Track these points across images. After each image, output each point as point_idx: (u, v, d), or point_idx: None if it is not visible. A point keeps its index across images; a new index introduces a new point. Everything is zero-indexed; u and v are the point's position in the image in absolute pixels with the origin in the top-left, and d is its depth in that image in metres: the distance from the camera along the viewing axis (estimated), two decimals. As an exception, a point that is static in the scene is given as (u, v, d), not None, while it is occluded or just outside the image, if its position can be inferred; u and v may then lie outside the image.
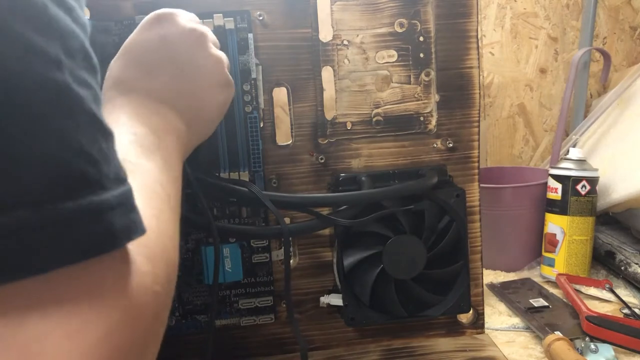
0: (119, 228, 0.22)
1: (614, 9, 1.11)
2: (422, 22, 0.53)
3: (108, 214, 0.21)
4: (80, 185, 0.21)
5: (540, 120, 1.12)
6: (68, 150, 0.21)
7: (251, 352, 0.55)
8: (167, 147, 0.35)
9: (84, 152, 0.21)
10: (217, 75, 0.41)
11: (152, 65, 0.38)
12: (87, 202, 0.21)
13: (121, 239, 0.22)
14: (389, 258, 0.51)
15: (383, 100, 0.54)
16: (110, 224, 0.22)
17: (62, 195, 0.20)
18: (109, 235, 0.22)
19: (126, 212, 0.23)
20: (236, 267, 0.51)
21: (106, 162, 0.22)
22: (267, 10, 0.51)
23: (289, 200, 0.49)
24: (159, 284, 0.26)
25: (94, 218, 0.21)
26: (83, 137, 0.21)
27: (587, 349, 0.57)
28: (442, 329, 0.58)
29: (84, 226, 0.20)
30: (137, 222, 0.24)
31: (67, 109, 0.21)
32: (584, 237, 0.79)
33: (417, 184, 0.52)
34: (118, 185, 0.23)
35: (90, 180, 0.21)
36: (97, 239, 0.21)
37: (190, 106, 0.39)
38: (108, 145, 0.23)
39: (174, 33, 0.39)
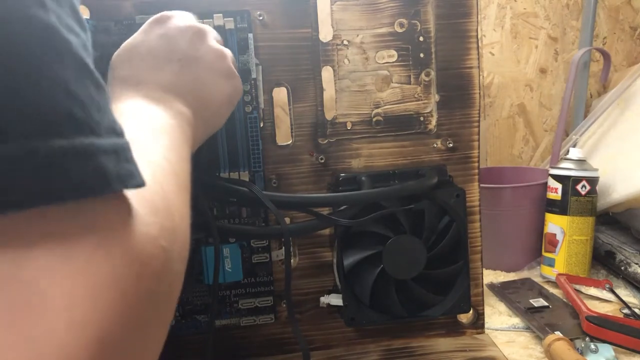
0: (112, 172, 0.21)
1: (614, 9, 1.11)
2: (422, 22, 0.53)
3: (100, 157, 0.21)
4: (68, 125, 0.20)
5: (540, 120, 1.12)
6: (54, 87, 0.20)
7: (251, 352, 0.55)
8: (174, 130, 0.35)
9: (71, 93, 0.20)
10: (220, 67, 0.42)
11: (155, 61, 0.39)
12: (78, 142, 0.20)
13: (114, 182, 0.21)
14: (389, 258, 0.51)
15: (383, 100, 0.54)
16: (102, 166, 0.21)
17: (51, 132, 0.19)
18: (101, 177, 0.21)
19: (120, 160, 0.22)
20: (236, 267, 0.51)
21: (97, 110, 0.22)
22: (267, 10, 0.51)
23: (289, 200, 0.49)
24: (165, 240, 0.25)
25: (85, 157, 0.20)
26: (71, 78, 0.21)
27: (587, 349, 0.57)
28: (442, 329, 0.58)
29: (75, 164, 0.20)
30: (134, 172, 0.23)
31: (53, 49, 0.20)
32: (584, 237, 0.78)
33: (417, 184, 0.52)
34: (111, 135, 0.22)
35: (79, 122, 0.20)
36: (89, 178, 0.20)
37: (196, 96, 0.40)
38: (100, 95, 0.22)
39: (173, 30, 0.41)
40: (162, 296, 0.25)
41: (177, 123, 0.36)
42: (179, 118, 0.37)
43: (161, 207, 0.26)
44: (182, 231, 0.28)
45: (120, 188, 0.22)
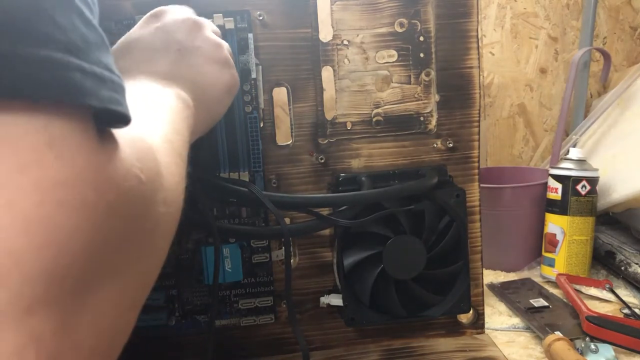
0: (86, 88, 0.20)
1: (614, 9, 1.11)
2: (422, 22, 0.53)
3: (73, 72, 0.19)
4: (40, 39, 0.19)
5: (540, 120, 1.12)
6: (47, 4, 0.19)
7: (251, 352, 0.55)
8: (173, 110, 0.35)
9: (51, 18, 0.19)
10: (217, 56, 0.42)
11: (152, 53, 0.39)
12: (62, 56, 0.19)
13: (89, 96, 0.20)
14: (389, 258, 0.51)
15: (383, 100, 0.54)
16: (73, 78, 0.19)
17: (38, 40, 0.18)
18: (68, 86, 0.19)
19: (106, 86, 0.21)
20: (236, 267, 0.51)
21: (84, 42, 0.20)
22: (267, 10, 0.51)
23: (289, 201, 0.49)
24: (144, 173, 0.23)
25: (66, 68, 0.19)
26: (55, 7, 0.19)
27: (587, 349, 0.57)
28: (442, 329, 0.58)
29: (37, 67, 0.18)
30: (122, 102, 0.21)
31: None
32: (584, 237, 0.78)
33: (417, 184, 0.52)
34: (102, 69, 0.21)
35: (57, 40, 0.19)
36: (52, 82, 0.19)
37: (195, 84, 0.40)
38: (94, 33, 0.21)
39: (169, 22, 0.41)
40: (136, 232, 0.23)
41: (177, 104, 0.36)
42: (179, 101, 0.37)
43: (148, 156, 0.25)
44: (170, 184, 0.27)
45: (94, 103, 0.20)
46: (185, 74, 0.39)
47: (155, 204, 0.25)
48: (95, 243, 0.20)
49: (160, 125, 0.31)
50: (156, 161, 0.26)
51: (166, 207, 0.26)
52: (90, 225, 0.20)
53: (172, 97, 0.36)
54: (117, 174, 0.21)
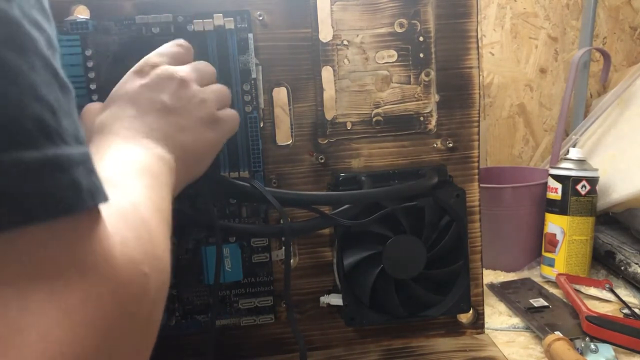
0: (85, 186, 0.20)
1: (614, 9, 1.11)
2: (422, 22, 0.53)
3: (73, 169, 0.20)
4: (40, 134, 0.19)
5: (540, 120, 1.12)
6: (22, 91, 0.18)
7: (251, 352, 0.55)
8: (154, 172, 0.35)
9: (40, 97, 0.19)
10: (202, 115, 0.42)
11: (136, 110, 0.39)
12: (51, 153, 0.19)
13: (88, 198, 0.20)
14: (389, 258, 0.51)
15: (383, 100, 0.54)
16: (76, 179, 0.20)
17: (22, 142, 0.18)
18: (76, 191, 0.20)
19: (88, 172, 0.21)
20: (236, 267, 0.51)
21: (65, 115, 0.20)
22: (267, 10, 0.51)
23: (290, 197, 0.49)
24: (148, 266, 0.24)
25: (60, 170, 0.19)
26: (38, 81, 0.19)
27: (587, 349, 0.57)
28: (442, 329, 0.58)
29: (50, 177, 0.18)
30: (100, 186, 0.22)
31: (18, 47, 0.19)
32: (584, 237, 0.78)
33: (417, 184, 0.52)
34: (78, 143, 0.21)
35: (50, 130, 0.19)
36: (65, 194, 0.19)
37: (177, 143, 0.39)
38: (66, 98, 0.21)
39: (155, 81, 0.40)
40: (141, 323, 0.24)
41: (159, 166, 0.36)
42: (161, 162, 0.36)
43: (144, 235, 0.26)
44: (164, 263, 0.28)
45: (92, 204, 0.21)
46: (167, 134, 0.39)
47: (154, 289, 0.26)
48: (112, 347, 0.21)
49: (149, 193, 0.31)
50: (155, 246, 0.27)
51: (161, 283, 0.27)
52: (109, 333, 0.21)
53: (155, 160, 0.36)
54: (130, 278, 0.23)
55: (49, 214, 0.19)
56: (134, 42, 0.48)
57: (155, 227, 0.29)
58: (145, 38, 0.49)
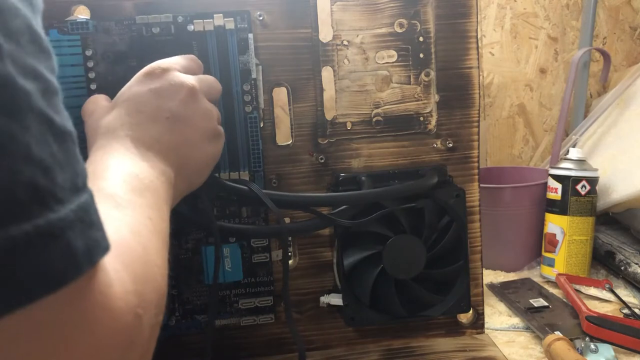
0: (80, 250, 0.20)
1: (614, 9, 1.11)
2: (422, 22, 0.53)
3: (67, 233, 0.19)
4: (31, 202, 0.18)
5: (540, 120, 1.12)
6: (14, 158, 0.18)
7: (251, 352, 0.55)
8: (156, 189, 0.35)
9: (33, 159, 0.18)
10: (206, 128, 0.42)
11: (143, 117, 0.38)
12: (42, 221, 0.18)
13: (84, 263, 0.20)
14: (389, 258, 0.51)
15: (383, 101, 0.54)
16: (70, 245, 0.19)
17: (12, 216, 0.17)
18: (70, 259, 0.19)
19: (85, 229, 0.20)
20: (236, 267, 0.51)
21: (60, 168, 0.20)
22: (267, 10, 0.51)
23: (289, 199, 0.49)
24: (142, 308, 0.25)
25: (52, 238, 0.18)
26: (32, 141, 0.19)
27: (587, 349, 0.57)
28: (442, 329, 0.58)
29: (42, 250, 0.18)
30: (99, 239, 0.21)
31: (9, 109, 0.18)
32: (584, 237, 0.78)
33: (417, 184, 0.52)
34: (74, 195, 0.20)
35: (43, 194, 0.19)
36: (59, 265, 0.19)
37: (179, 155, 0.39)
38: (62, 148, 0.20)
39: (165, 87, 0.40)
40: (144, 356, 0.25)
41: (160, 182, 0.36)
42: (162, 178, 0.36)
43: (140, 272, 0.26)
44: (160, 293, 0.28)
45: (89, 267, 0.21)
46: (170, 144, 0.39)
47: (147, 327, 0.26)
48: None
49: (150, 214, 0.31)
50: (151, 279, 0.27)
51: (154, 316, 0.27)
52: None
53: (157, 175, 0.36)
54: (128, 323, 0.23)
55: (46, 289, 0.19)
56: (134, 42, 0.48)
57: (154, 253, 0.29)
58: (145, 38, 0.49)
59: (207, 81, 0.44)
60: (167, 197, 0.36)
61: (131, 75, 0.42)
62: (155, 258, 0.29)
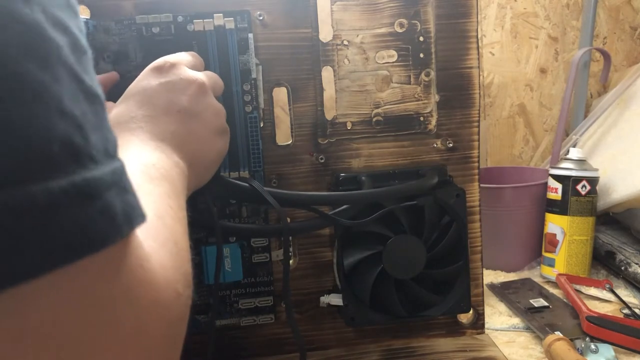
0: (119, 211, 0.18)
1: (614, 9, 1.11)
2: (422, 22, 0.53)
3: (104, 194, 0.18)
4: (66, 157, 0.17)
5: (540, 120, 1.12)
6: (47, 110, 0.16)
7: (251, 352, 0.55)
8: (172, 179, 0.34)
9: (66, 112, 0.17)
10: (215, 123, 0.42)
11: (155, 110, 0.38)
12: (79, 178, 0.17)
13: (124, 225, 0.19)
14: (389, 258, 0.51)
15: (383, 100, 0.54)
16: (109, 205, 0.18)
17: (47, 170, 0.16)
18: (110, 220, 0.18)
19: (122, 193, 0.19)
20: (236, 267, 0.51)
21: (93, 130, 0.18)
22: (267, 10, 0.51)
23: (290, 197, 0.49)
24: (181, 284, 0.24)
25: (90, 197, 0.17)
26: (64, 94, 0.17)
27: (588, 349, 0.57)
28: (442, 329, 0.58)
29: (80, 208, 0.17)
30: (136, 205, 0.20)
31: (40, 57, 0.17)
32: (584, 237, 0.78)
33: (417, 184, 0.52)
34: (108, 159, 0.19)
35: (78, 150, 0.17)
36: (99, 225, 0.17)
37: (191, 150, 0.39)
38: (93, 109, 0.19)
39: (175, 82, 0.40)
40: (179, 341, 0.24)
41: (176, 173, 0.36)
42: (177, 169, 0.36)
43: (174, 250, 0.26)
44: (190, 276, 0.28)
45: (129, 230, 0.19)
46: (183, 139, 0.38)
47: (185, 306, 0.25)
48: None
49: (170, 202, 0.31)
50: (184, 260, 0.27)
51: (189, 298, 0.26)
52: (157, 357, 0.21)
53: (172, 166, 0.35)
54: (171, 301, 0.22)
55: (87, 248, 0.17)
56: (134, 42, 0.48)
57: (180, 238, 0.29)
58: (145, 38, 0.49)
59: (212, 78, 0.44)
60: (182, 188, 0.36)
61: (131, 75, 0.42)
62: (182, 241, 0.29)
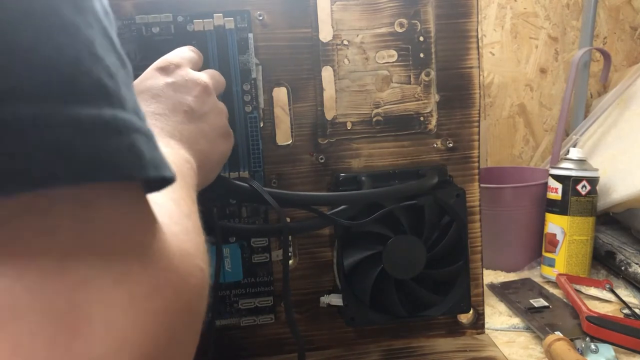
0: (147, 155, 0.18)
1: (614, 9, 1.11)
2: (422, 22, 0.53)
3: (133, 135, 0.17)
4: (96, 92, 0.16)
5: (540, 120, 1.12)
6: (79, 46, 0.16)
7: (251, 352, 0.55)
8: (184, 174, 0.34)
9: (97, 56, 0.17)
10: (219, 125, 0.42)
11: (163, 108, 0.38)
12: (109, 113, 0.16)
13: (148, 167, 0.18)
14: (389, 258, 0.51)
15: (383, 100, 0.54)
16: (137, 144, 0.17)
17: (78, 98, 0.16)
18: (136, 157, 0.17)
19: (152, 148, 0.19)
20: (236, 267, 0.51)
21: (124, 85, 0.18)
22: (267, 10, 0.51)
23: (289, 197, 0.49)
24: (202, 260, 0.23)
25: (118, 132, 0.17)
26: (96, 40, 0.17)
27: (588, 349, 0.57)
28: (443, 329, 0.58)
29: (107, 137, 0.16)
30: (167, 163, 0.20)
31: (75, 4, 0.17)
32: (584, 237, 0.78)
33: (417, 184, 0.52)
34: (139, 118, 0.19)
35: (109, 91, 0.17)
36: (124, 156, 0.17)
37: (198, 150, 0.39)
38: (125, 72, 0.19)
39: (181, 83, 0.40)
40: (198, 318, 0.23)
41: (186, 168, 0.35)
42: (187, 165, 0.36)
43: (191, 229, 0.25)
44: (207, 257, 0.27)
45: (156, 174, 0.18)
46: (191, 137, 0.38)
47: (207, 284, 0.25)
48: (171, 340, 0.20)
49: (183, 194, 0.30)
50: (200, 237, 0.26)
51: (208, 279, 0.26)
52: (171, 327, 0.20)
53: (183, 162, 0.35)
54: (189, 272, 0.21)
55: (105, 175, 0.17)
56: (133, 42, 0.48)
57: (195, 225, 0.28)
58: (145, 38, 0.49)
59: (215, 76, 0.44)
60: (193, 184, 0.35)
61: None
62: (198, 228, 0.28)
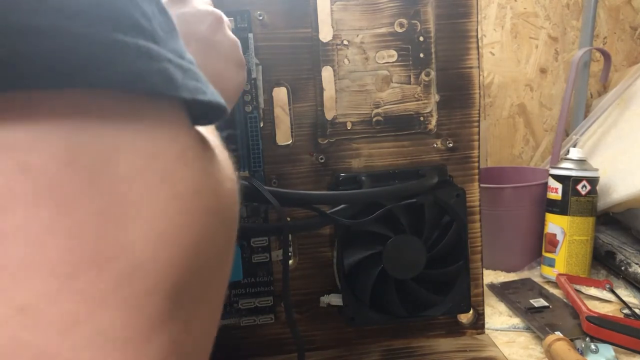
0: (180, 81, 0.18)
1: (614, 9, 1.11)
2: (422, 22, 0.53)
3: (164, 62, 0.17)
4: (131, 26, 0.17)
5: (540, 120, 1.12)
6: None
7: (251, 352, 0.55)
8: None
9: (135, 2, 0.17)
10: (233, 55, 0.41)
11: None
12: (143, 44, 0.17)
13: (180, 88, 0.18)
14: (389, 258, 0.51)
15: (383, 100, 0.54)
16: (168, 70, 0.17)
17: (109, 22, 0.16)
18: (168, 79, 0.17)
19: (190, 77, 0.19)
20: (236, 267, 0.51)
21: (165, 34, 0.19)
22: (267, 10, 0.51)
23: (290, 196, 0.49)
24: (231, 171, 0.23)
25: (148, 57, 0.17)
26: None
27: (588, 349, 0.57)
28: (443, 330, 0.58)
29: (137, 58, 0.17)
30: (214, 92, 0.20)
31: None
32: (584, 237, 0.78)
33: (417, 184, 0.52)
34: (181, 59, 0.19)
35: (144, 29, 0.17)
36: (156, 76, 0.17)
37: (211, 81, 0.39)
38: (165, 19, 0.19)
39: (191, 13, 0.40)
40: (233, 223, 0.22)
41: None
42: None
43: (221, 145, 0.24)
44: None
45: (189, 96, 0.18)
46: (206, 69, 0.38)
47: (238, 214, 0.24)
48: (211, 253, 0.20)
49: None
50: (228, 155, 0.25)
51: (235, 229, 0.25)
52: (210, 235, 0.19)
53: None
54: (226, 188, 0.21)
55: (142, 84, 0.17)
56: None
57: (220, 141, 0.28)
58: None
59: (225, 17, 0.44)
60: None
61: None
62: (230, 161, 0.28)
